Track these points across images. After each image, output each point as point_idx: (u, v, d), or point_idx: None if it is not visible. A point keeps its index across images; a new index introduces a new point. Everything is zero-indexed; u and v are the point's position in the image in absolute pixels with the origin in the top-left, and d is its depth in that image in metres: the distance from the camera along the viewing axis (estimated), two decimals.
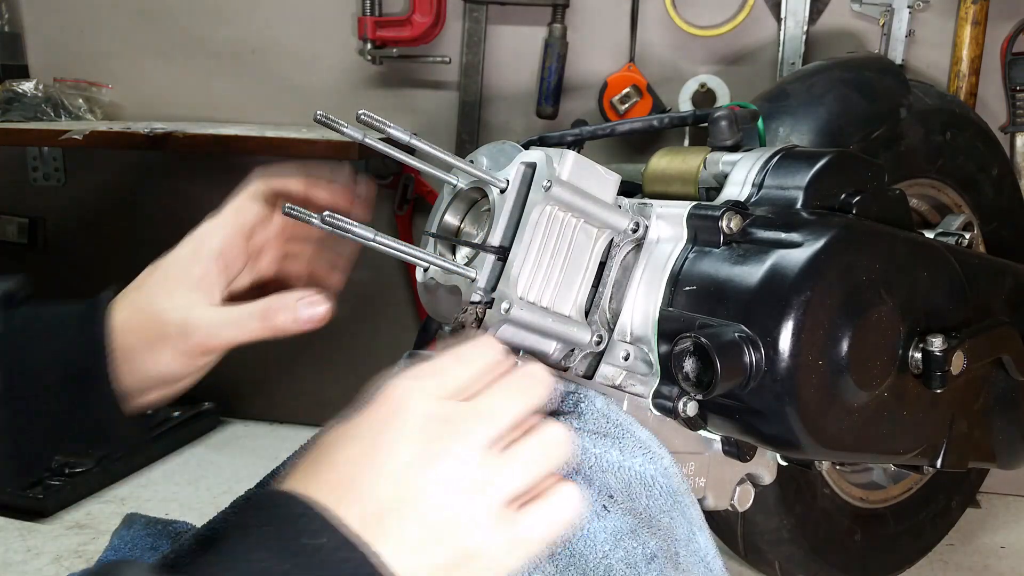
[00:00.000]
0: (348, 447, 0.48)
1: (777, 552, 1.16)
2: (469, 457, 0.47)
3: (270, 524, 0.45)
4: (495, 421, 0.49)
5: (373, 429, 0.48)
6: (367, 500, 0.45)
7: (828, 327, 0.67)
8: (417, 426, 0.47)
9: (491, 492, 0.48)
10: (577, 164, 0.70)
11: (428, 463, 0.46)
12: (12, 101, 1.81)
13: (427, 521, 0.46)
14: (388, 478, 0.46)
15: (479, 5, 1.69)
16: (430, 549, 0.46)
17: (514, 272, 0.68)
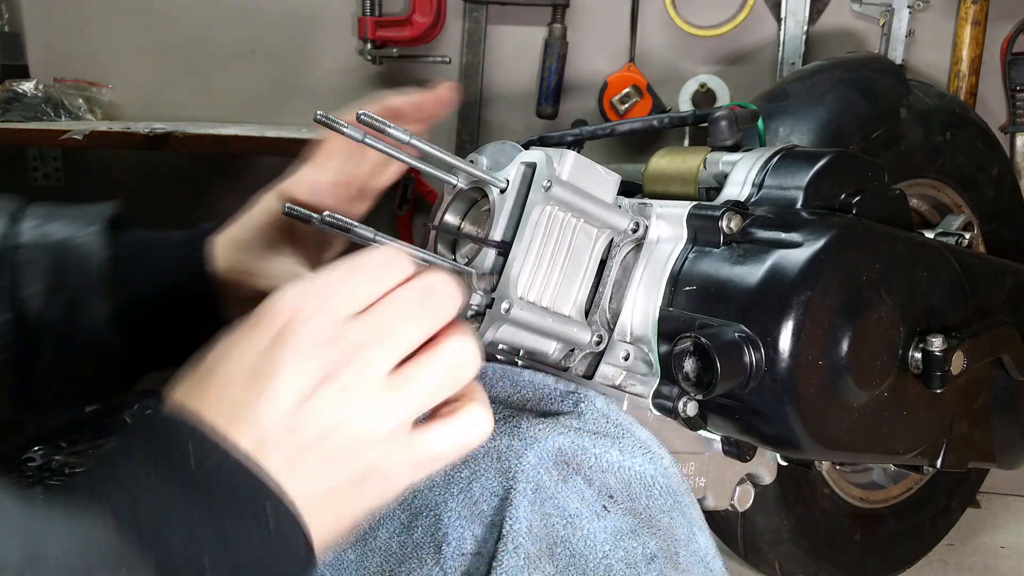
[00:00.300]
0: (235, 366, 0.45)
1: (777, 552, 1.16)
2: (366, 384, 0.45)
3: (156, 445, 0.44)
4: (394, 345, 0.46)
5: (261, 349, 0.45)
6: (256, 426, 0.44)
7: (828, 327, 0.67)
8: (308, 350, 0.44)
9: (390, 415, 0.45)
10: (577, 164, 0.70)
11: (321, 390, 0.44)
12: (12, 101, 1.81)
13: (321, 447, 0.44)
14: (278, 405, 0.44)
15: (479, 5, 1.69)
16: (325, 474, 0.44)
17: (514, 272, 0.68)
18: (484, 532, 0.60)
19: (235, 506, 0.42)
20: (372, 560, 0.65)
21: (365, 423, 0.45)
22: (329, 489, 0.45)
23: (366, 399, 0.45)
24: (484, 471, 0.63)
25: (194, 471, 0.42)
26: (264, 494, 0.42)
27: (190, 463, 0.42)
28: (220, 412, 0.44)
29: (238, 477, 0.42)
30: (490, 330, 0.68)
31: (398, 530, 0.65)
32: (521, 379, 0.72)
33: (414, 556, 0.62)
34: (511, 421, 0.65)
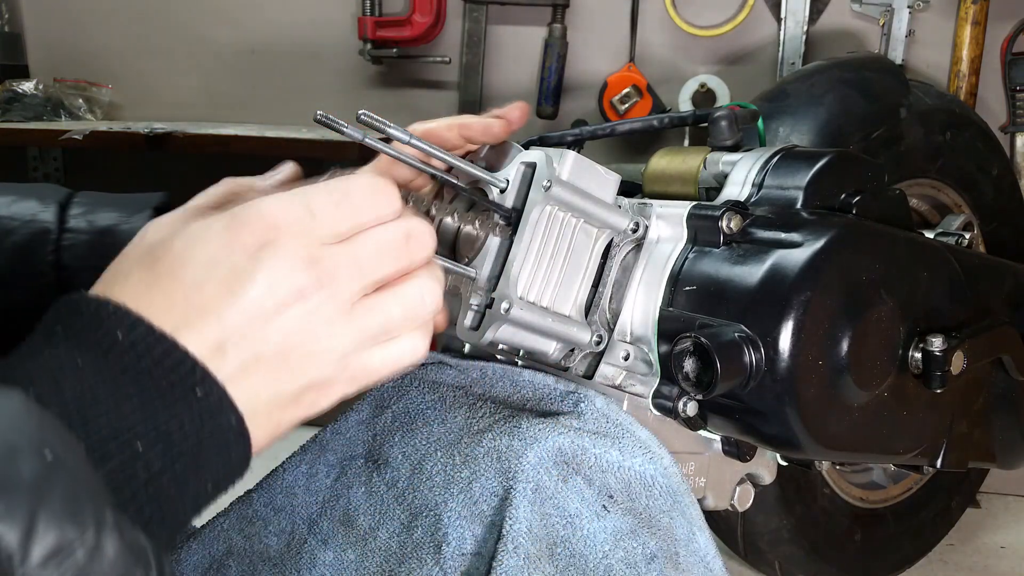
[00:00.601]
0: (206, 269, 0.44)
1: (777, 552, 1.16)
2: (333, 309, 0.46)
3: (80, 328, 0.42)
4: (367, 278, 0.48)
5: (237, 258, 0.45)
6: (220, 327, 0.44)
7: (828, 327, 0.67)
8: (287, 268, 0.45)
9: (347, 340, 0.47)
10: (577, 164, 0.70)
11: (288, 307, 0.45)
12: (12, 101, 1.81)
13: (276, 360, 0.45)
14: (247, 312, 0.44)
15: (479, 5, 1.69)
16: (273, 385, 0.45)
17: (514, 271, 0.68)
18: (484, 532, 0.60)
19: (168, 389, 0.41)
20: (372, 560, 0.65)
21: (323, 344, 0.46)
22: (272, 399, 0.45)
23: (329, 322, 0.46)
24: (484, 471, 0.63)
25: (122, 353, 0.41)
26: (197, 378, 0.42)
27: (118, 344, 0.41)
28: (180, 310, 0.43)
29: (170, 360, 0.42)
30: (490, 330, 0.68)
31: (398, 530, 0.65)
32: (521, 379, 0.72)
33: (414, 556, 0.62)
34: (511, 421, 0.65)
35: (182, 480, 0.42)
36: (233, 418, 0.43)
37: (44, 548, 0.33)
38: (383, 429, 0.73)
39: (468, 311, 0.69)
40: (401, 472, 0.69)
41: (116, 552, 0.36)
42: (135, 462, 0.40)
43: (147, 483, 0.40)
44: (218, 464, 0.43)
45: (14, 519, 0.33)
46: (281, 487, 0.75)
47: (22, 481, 0.34)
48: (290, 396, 0.46)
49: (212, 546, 0.73)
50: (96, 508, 0.36)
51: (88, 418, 0.40)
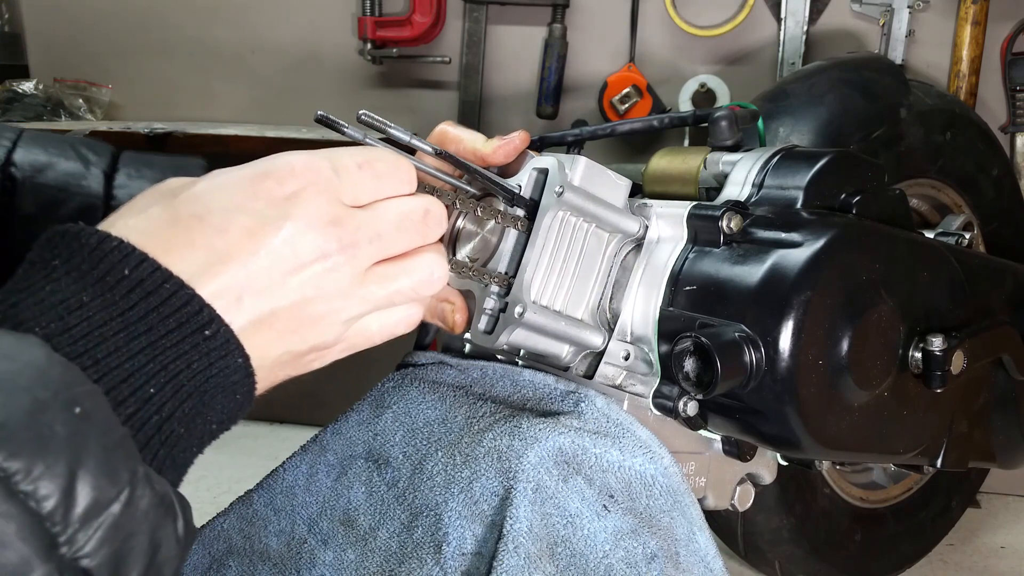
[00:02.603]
0: (232, 217, 0.44)
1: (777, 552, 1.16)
2: (349, 273, 0.47)
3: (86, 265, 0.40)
4: (384, 247, 0.48)
5: (263, 207, 0.44)
6: (243, 277, 0.43)
7: (828, 327, 0.67)
8: (315, 223, 0.45)
9: (356, 305, 0.47)
10: (589, 169, 0.71)
11: (308, 265, 0.45)
12: (12, 101, 1.81)
13: (290, 317, 0.45)
14: (271, 264, 0.44)
15: (479, 5, 1.69)
16: (283, 342, 0.45)
17: (527, 276, 0.69)
18: (484, 532, 0.60)
19: (176, 329, 0.40)
20: (372, 560, 0.65)
21: (334, 307, 0.46)
22: (278, 358, 0.46)
23: (344, 286, 0.46)
24: (484, 471, 0.63)
25: (129, 289, 0.40)
26: (205, 319, 0.41)
27: (124, 280, 0.40)
28: (202, 253, 0.43)
29: (178, 299, 0.41)
30: (504, 333, 0.68)
31: (398, 530, 0.65)
32: (521, 379, 0.72)
33: (414, 556, 0.62)
34: (511, 421, 0.65)
35: (190, 421, 0.41)
36: (240, 358, 0.43)
37: (83, 505, 0.33)
38: (383, 429, 0.73)
39: (482, 315, 0.70)
40: (401, 472, 0.69)
41: (149, 504, 0.36)
42: (148, 406, 0.39)
43: (159, 427, 0.40)
44: (224, 405, 0.43)
45: (54, 478, 0.33)
46: (281, 487, 0.75)
47: (56, 440, 0.34)
48: (295, 356, 0.46)
49: (212, 546, 0.73)
50: (129, 462, 0.36)
51: (99, 359, 0.39)
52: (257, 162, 0.46)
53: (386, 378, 0.79)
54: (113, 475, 0.35)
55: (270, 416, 1.95)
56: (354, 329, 0.49)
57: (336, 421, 0.77)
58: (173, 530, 0.38)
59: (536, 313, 0.69)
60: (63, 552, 0.33)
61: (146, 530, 0.36)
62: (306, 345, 0.46)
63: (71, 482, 0.33)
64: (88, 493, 0.34)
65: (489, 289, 0.70)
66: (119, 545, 0.35)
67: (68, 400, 0.35)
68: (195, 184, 0.45)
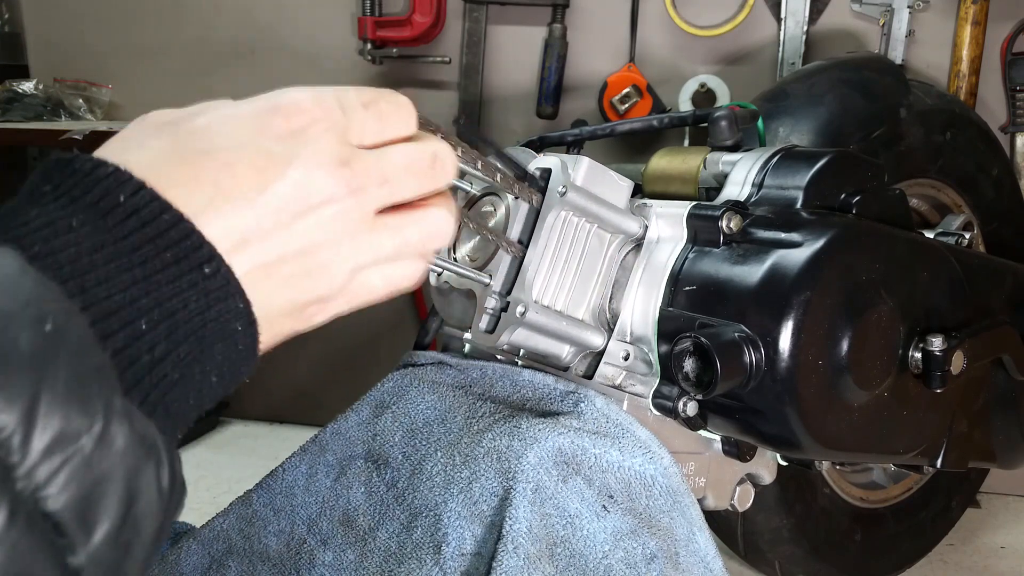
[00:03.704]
0: (240, 151, 0.41)
1: (777, 552, 1.16)
2: (357, 218, 0.44)
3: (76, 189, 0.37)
4: (393, 191, 0.45)
5: (268, 143, 0.41)
6: (239, 217, 0.40)
7: (828, 327, 0.67)
8: (324, 162, 0.42)
9: (362, 254, 0.45)
10: (591, 170, 0.71)
11: (316, 209, 0.42)
12: (12, 101, 1.81)
13: (295, 264, 0.42)
14: (281, 204, 0.41)
15: (479, 5, 1.69)
16: (287, 292, 0.42)
17: (529, 276, 0.69)
18: (484, 532, 0.60)
19: (173, 263, 0.37)
20: (372, 560, 0.65)
21: (341, 254, 0.44)
22: (282, 308, 0.43)
23: (351, 232, 0.44)
24: (484, 471, 0.63)
25: (124, 217, 0.36)
26: (205, 255, 0.38)
27: (119, 207, 0.36)
28: (207, 191, 0.39)
29: (177, 231, 0.37)
30: (505, 333, 0.69)
31: (398, 530, 0.65)
32: (521, 379, 0.72)
33: (414, 556, 0.62)
34: (511, 421, 0.65)
35: (186, 367, 0.38)
36: (241, 303, 0.39)
37: (46, 436, 0.30)
38: (383, 429, 0.73)
39: (483, 314, 0.70)
40: (401, 472, 0.69)
41: (126, 442, 0.32)
42: (138, 342, 0.36)
43: (151, 368, 0.36)
44: (224, 353, 0.39)
45: (11, 401, 0.29)
46: (281, 487, 0.75)
47: (19, 355, 0.30)
48: (298, 306, 0.44)
49: (212, 546, 0.73)
50: (104, 391, 0.32)
51: (86, 287, 0.35)
52: (262, 97, 0.43)
53: (386, 378, 0.79)
54: (85, 403, 0.31)
55: (270, 416, 1.95)
56: (358, 281, 0.46)
57: (336, 421, 0.77)
58: (155, 478, 0.34)
59: (537, 313, 0.69)
60: (19, 488, 0.29)
61: (122, 474, 0.32)
62: (311, 294, 0.43)
63: (32, 405, 0.29)
64: (53, 421, 0.30)
65: (490, 288, 0.70)
66: (89, 488, 0.31)
67: (38, 315, 0.31)
68: (197, 117, 0.42)
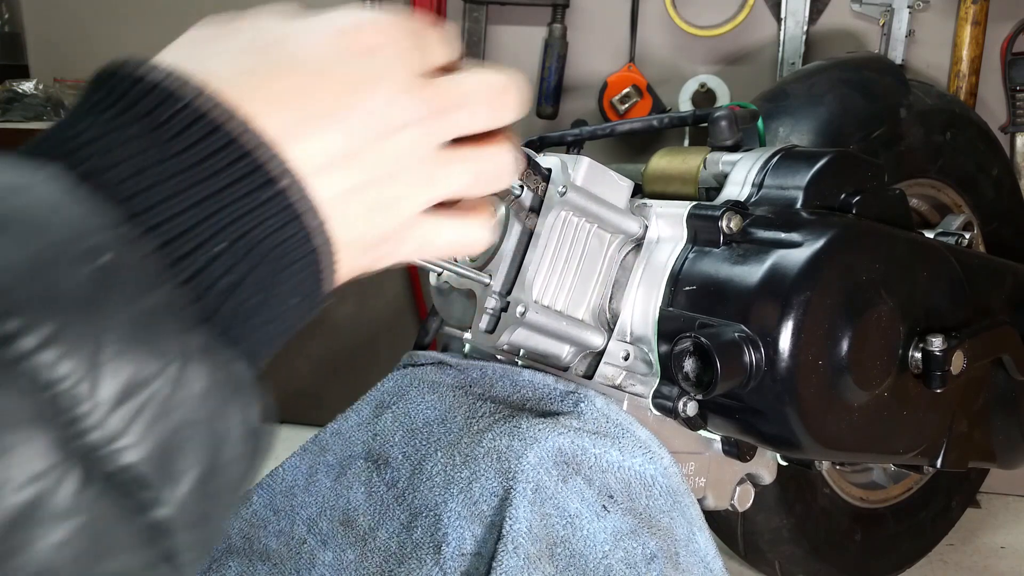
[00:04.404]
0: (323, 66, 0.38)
1: (777, 552, 1.16)
2: (427, 148, 0.41)
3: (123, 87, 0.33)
4: (461, 122, 0.43)
5: (353, 59, 0.39)
6: (334, 135, 0.37)
7: (828, 327, 0.67)
8: (407, 84, 0.40)
9: (433, 188, 0.42)
10: (591, 170, 0.71)
11: (401, 130, 0.40)
12: (12, 101, 1.81)
13: (375, 193, 0.39)
14: (363, 123, 0.38)
15: (479, 5, 1.69)
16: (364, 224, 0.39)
17: (529, 276, 0.69)
18: (484, 532, 0.60)
19: (246, 175, 0.34)
20: (372, 560, 0.65)
21: (412, 186, 0.41)
22: (361, 236, 0.40)
23: (422, 163, 0.41)
24: (484, 471, 0.63)
25: (189, 123, 0.33)
26: (278, 168, 0.35)
27: (183, 111, 0.33)
28: (297, 111, 0.36)
29: (247, 140, 0.34)
30: (505, 333, 0.69)
31: (398, 530, 0.65)
32: (521, 379, 0.72)
33: (414, 556, 0.62)
34: (511, 421, 0.65)
35: (267, 289, 0.35)
36: (316, 220, 0.36)
37: (116, 383, 0.27)
38: (383, 429, 0.73)
39: (483, 314, 0.70)
40: (401, 472, 0.69)
41: (207, 383, 0.29)
42: (214, 264, 0.32)
43: (230, 292, 0.33)
44: (302, 274, 0.36)
45: (72, 348, 0.26)
46: (281, 487, 0.75)
47: (74, 295, 0.27)
48: (375, 240, 0.41)
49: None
50: (178, 327, 0.29)
51: (151, 204, 0.31)
52: (335, 14, 0.41)
53: (386, 378, 0.79)
54: (155, 344, 0.28)
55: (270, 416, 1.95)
56: (431, 223, 0.43)
57: (336, 421, 0.77)
58: (242, 419, 0.31)
59: (538, 313, 0.69)
60: (93, 440, 0.26)
61: (205, 418, 0.29)
62: (387, 226, 0.41)
63: (96, 350, 0.26)
64: (121, 366, 0.27)
65: (490, 288, 0.70)
66: (169, 436, 0.28)
67: (92, 246, 0.28)
68: (275, 29, 0.38)
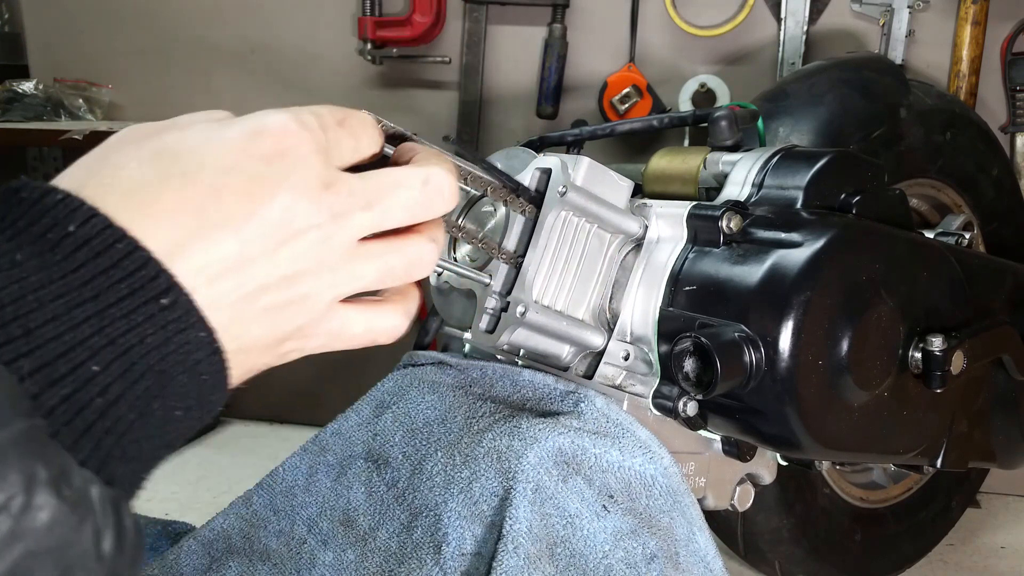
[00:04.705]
0: (221, 174, 0.38)
1: (777, 552, 1.16)
2: (340, 245, 0.41)
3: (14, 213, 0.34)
4: (380, 217, 0.43)
5: (254, 165, 0.39)
6: (228, 244, 0.38)
7: (828, 327, 0.67)
8: (309, 186, 0.40)
9: (343, 283, 0.42)
10: (591, 170, 0.71)
11: (301, 234, 0.40)
12: (12, 101, 1.81)
13: (277, 294, 0.40)
14: (259, 231, 0.38)
15: (479, 5, 1.69)
16: (266, 323, 0.40)
17: (529, 276, 0.69)
18: (484, 532, 0.60)
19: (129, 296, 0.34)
20: (372, 560, 0.65)
21: (322, 283, 0.41)
22: (260, 337, 0.40)
23: (333, 260, 0.41)
24: (484, 471, 0.63)
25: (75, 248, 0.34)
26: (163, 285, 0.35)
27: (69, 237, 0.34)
28: (194, 218, 0.37)
29: (132, 260, 0.35)
30: (505, 333, 0.69)
31: (398, 530, 0.65)
32: (521, 379, 0.72)
33: (414, 556, 0.62)
34: (511, 421, 0.65)
35: (145, 406, 0.35)
36: (203, 332, 0.37)
37: None
38: (383, 429, 0.73)
39: (483, 314, 0.70)
40: (401, 472, 0.69)
41: (52, 514, 0.30)
42: (90, 386, 0.33)
43: (104, 412, 0.34)
44: (187, 385, 0.37)
45: None
46: (281, 488, 0.75)
47: None
48: (276, 339, 0.41)
49: (212, 546, 0.73)
50: (26, 460, 0.29)
51: (31, 328, 0.32)
52: (244, 118, 0.41)
53: (386, 378, 0.79)
54: None
55: (270, 416, 1.95)
56: (339, 318, 0.44)
57: (336, 421, 0.77)
58: (94, 546, 0.31)
59: (538, 313, 0.69)
60: None
61: (51, 548, 0.29)
62: (290, 326, 0.41)
63: None
64: None
65: (491, 288, 0.70)
66: (10, 567, 0.28)
67: None
68: (181, 138, 0.40)
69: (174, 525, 0.81)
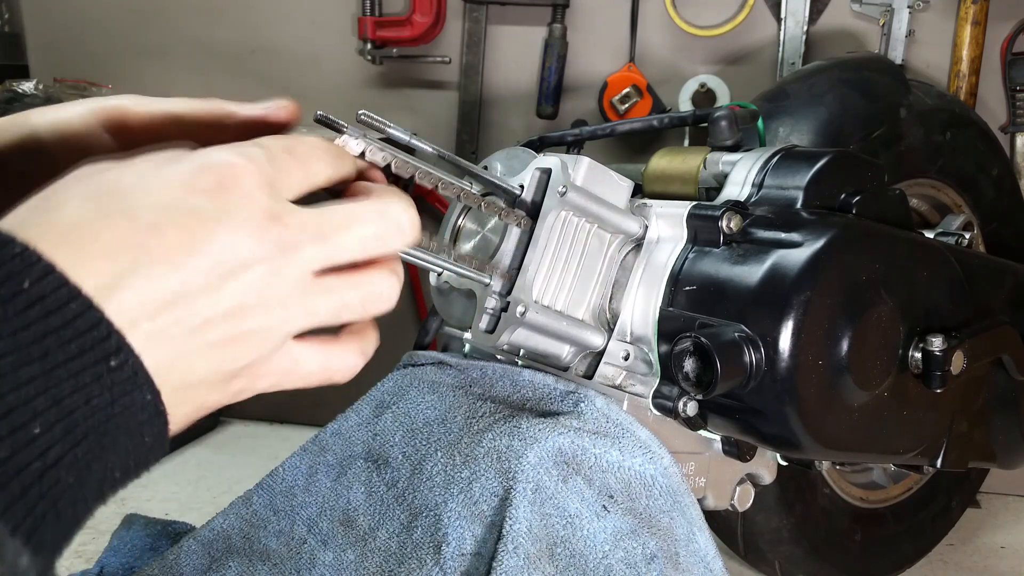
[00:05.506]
0: (161, 211, 0.37)
1: (777, 552, 1.16)
2: (290, 279, 0.40)
3: None
4: (333, 251, 0.42)
5: (196, 200, 0.38)
6: (166, 281, 0.37)
7: (828, 327, 0.67)
8: (252, 218, 0.39)
9: (295, 319, 0.41)
10: (591, 170, 0.71)
11: (249, 269, 0.39)
12: (12, 101, 1.81)
13: (222, 329, 0.39)
14: (200, 267, 0.38)
15: (479, 5, 1.69)
16: (211, 360, 0.39)
17: (529, 276, 0.69)
18: (484, 532, 0.60)
19: (77, 356, 0.34)
20: (372, 560, 0.65)
21: (272, 317, 0.40)
22: (205, 377, 0.39)
23: (283, 294, 0.40)
24: (484, 471, 0.63)
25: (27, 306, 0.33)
26: (112, 346, 0.35)
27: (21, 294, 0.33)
28: (131, 255, 0.36)
29: (84, 320, 0.34)
30: (505, 333, 0.69)
31: (398, 530, 0.65)
32: (521, 379, 0.72)
33: (414, 556, 0.62)
34: (511, 421, 0.65)
35: (84, 467, 0.35)
36: (149, 395, 0.36)
37: None
38: (383, 429, 0.73)
39: (483, 314, 0.70)
40: (401, 472, 0.69)
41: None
42: (29, 449, 0.32)
43: (41, 475, 0.33)
44: (128, 447, 0.36)
45: None
46: (281, 488, 0.75)
47: None
48: (223, 376, 0.41)
49: (212, 546, 0.73)
50: None
51: None
52: (193, 155, 0.41)
53: (386, 378, 0.79)
54: None
55: (270, 416, 1.95)
56: (291, 357, 0.43)
57: (336, 421, 0.77)
58: None
59: (538, 313, 0.69)
60: None
61: None
62: (237, 363, 0.40)
63: None
64: None
65: (491, 288, 0.70)
66: None
67: None
68: (122, 176, 0.39)
69: (174, 525, 0.81)
